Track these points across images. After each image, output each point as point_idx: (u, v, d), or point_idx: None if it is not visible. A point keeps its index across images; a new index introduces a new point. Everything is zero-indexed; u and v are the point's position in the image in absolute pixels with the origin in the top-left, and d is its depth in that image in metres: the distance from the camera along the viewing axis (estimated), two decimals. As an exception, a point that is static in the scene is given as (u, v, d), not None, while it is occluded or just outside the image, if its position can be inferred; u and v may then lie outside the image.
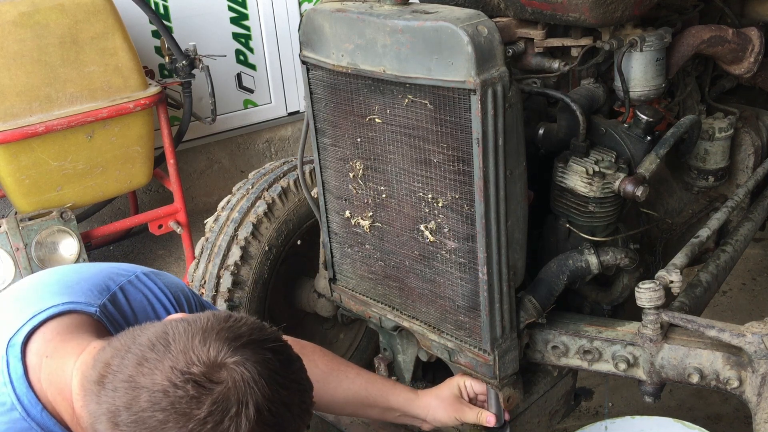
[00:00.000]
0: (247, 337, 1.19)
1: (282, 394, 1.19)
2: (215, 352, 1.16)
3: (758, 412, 1.53)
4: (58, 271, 1.46)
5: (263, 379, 1.16)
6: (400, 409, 1.80)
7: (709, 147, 2.16)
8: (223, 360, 1.15)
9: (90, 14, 2.87)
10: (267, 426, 1.16)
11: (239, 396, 1.14)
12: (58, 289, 1.37)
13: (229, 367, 1.15)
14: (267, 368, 1.18)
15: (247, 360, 1.16)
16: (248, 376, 1.15)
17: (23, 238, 2.82)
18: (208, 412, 1.12)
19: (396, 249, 1.82)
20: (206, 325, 1.19)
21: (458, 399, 1.81)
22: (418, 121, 1.61)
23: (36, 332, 1.28)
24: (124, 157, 3.04)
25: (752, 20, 2.27)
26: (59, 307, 1.32)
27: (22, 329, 1.28)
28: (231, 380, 1.14)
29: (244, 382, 1.14)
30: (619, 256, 1.80)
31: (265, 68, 4.11)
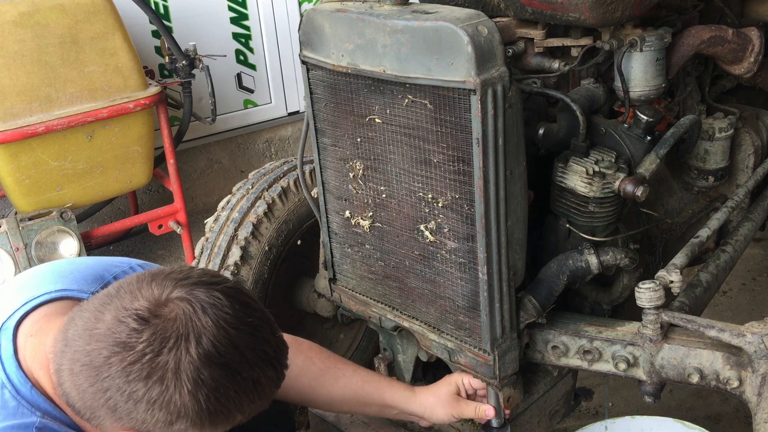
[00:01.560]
0: (197, 278, 1.19)
1: (230, 333, 1.16)
2: (160, 290, 1.16)
3: (758, 412, 1.53)
4: (54, 263, 1.49)
5: (208, 316, 1.15)
6: (397, 407, 1.79)
7: (709, 147, 2.16)
8: (168, 296, 1.16)
9: (90, 14, 2.87)
10: (213, 364, 1.14)
11: (179, 329, 1.13)
12: (52, 278, 1.40)
13: (173, 303, 1.15)
14: (214, 306, 1.16)
15: (194, 297, 1.16)
16: (190, 310, 1.14)
17: (23, 238, 2.82)
18: (147, 344, 1.12)
19: (396, 249, 1.82)
20: (157, 271, 1.21)
21: (456, 396, 1.79)
22: (418, 121, 1.61)
23: (28, 316, 1.32)
24: (124, 157, 3.04)
25: (752, 20, 2.27)
26: (52, 294, 1.35)
27: (15, 314, 1.32)
28: (173, 314, 1.14)
29: (185, 316, 1.14)
30: (619, 256, 1.80)
31: (265, 68, 4.11)
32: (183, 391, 1.13)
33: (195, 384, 1.13)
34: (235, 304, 1.19)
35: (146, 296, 1.16)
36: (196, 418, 1.16)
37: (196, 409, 1.15)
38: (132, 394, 1.13)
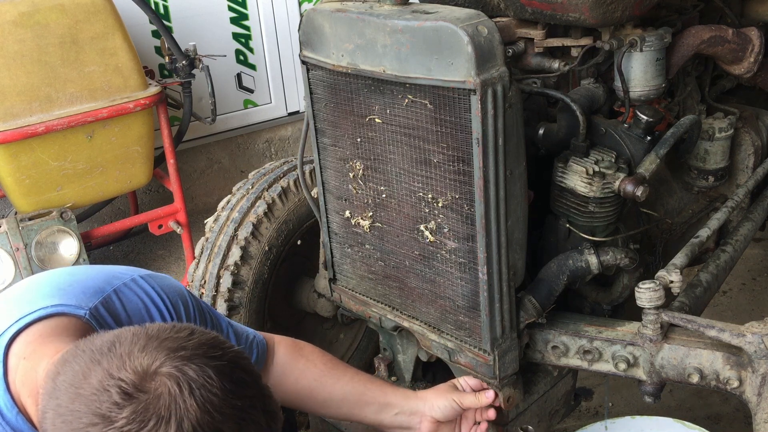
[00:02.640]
0: (191, 350, 1.14)
1: (215, 418, 1.10)
2: (150, 361, 1.11)
3: (758, 412, 1.53)
4: (54, 273, 1.45)
5: (194, 398, 1.09)
6: (397, 405, 1.73)
7: (709, 147, 2.16)
8: (156, 370, 1.10)
9: (90, 14, 2.87)
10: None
11: (161, 410, 1.08)
12: (49, 291, 1.36)
13: (160, 379, 1.10)
14: (203, 387, 1.11)
15: (183, 374, 1.10)
16: (176, 390, 1.09)
17: (23, 238, 2.82)
18: (126, 421, 1.07)
19: (396, 249, 1.82)
20: (154, 332, 1.15)
21: (455, 387, 1.76)
22: (418, 121, 1.61)
23: (21, 334, 1.27)
24: (124, 157, 3.03)
25: (752, 20, 2.27)
26: (47, 310, 1.30)
27: (8, 331, 1.27)
28: (156, 392, 1.09)
29: (170, 396, 1.08)
30: (619, 256, 1.80)
31: (265, 68, 4.11)
32: None
33: None
34: (226, 384, 1.13)
35: (134, 367, 1.11)
36: None
37: None
38: None
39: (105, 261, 3.78)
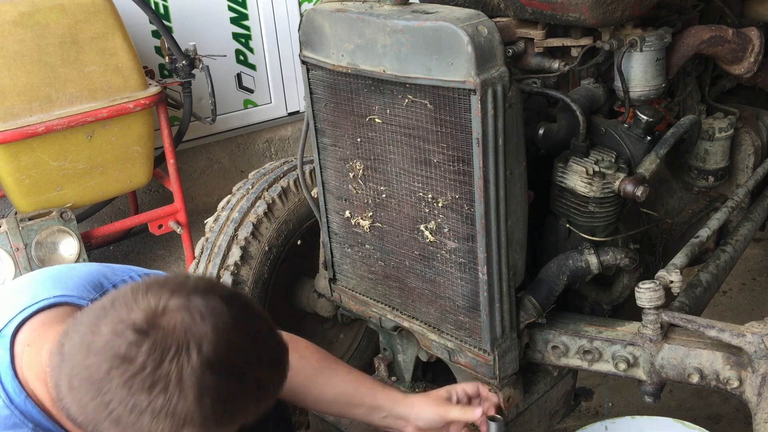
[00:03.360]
0: (193, 286, 1.18)
1: (230, 339, 1.16)
2: (156, 300, 1.15)
3: (758, 412, 1.53)
4: (54, 268, 1.48)
5: (206, 323, 1.14)
6: (386, 408, 1.73)
7: (709, 147, 2.16)
8: (164, 307, 1.15)
9: (90, 14, 2.87)
10: (215, 370, 1.14)
11: (179, 339, 1.12)
12: (51, 283, 1.39)
13: (170, 313, 1.14)
14: (212, 313, 1.16)
15: (191, 305, 1.15)
16: (189, 319, 1.14)
17: (23, 238, 2.82)
18: (147, 355, 1.11)
19: (396, 249, 1.82)
20: (152, 280, 1.19)
21: (445, 399, 1.75)
22: (418, 121, 1.61)
23: (25, 323, 1.30)
24: (124, 157, 3.03)
25: (752, 20, 2.27)
26: (50, 300, 1.34)
27: (13, 321, 1.30)
28: (172, 324, 1.13)
29: (184, 325, 1.13)
30: (619, 256, 1.80)
31: (265, 68, 4.11)
32: (188, 399, 1.12)
33: (199, 391, 1.13)
34: (233, 310, 1.19)
35: (142, 307, 1.15)
36: (201, 424, 1.15)
37: (202, 415, 1.14)
38: (135, 406, 1.12)
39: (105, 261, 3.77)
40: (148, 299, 1.16)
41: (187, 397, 1.12)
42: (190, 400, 1.12)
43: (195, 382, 1.12)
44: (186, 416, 1.13)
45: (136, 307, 1.15)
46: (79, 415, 1.17)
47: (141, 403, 1.12)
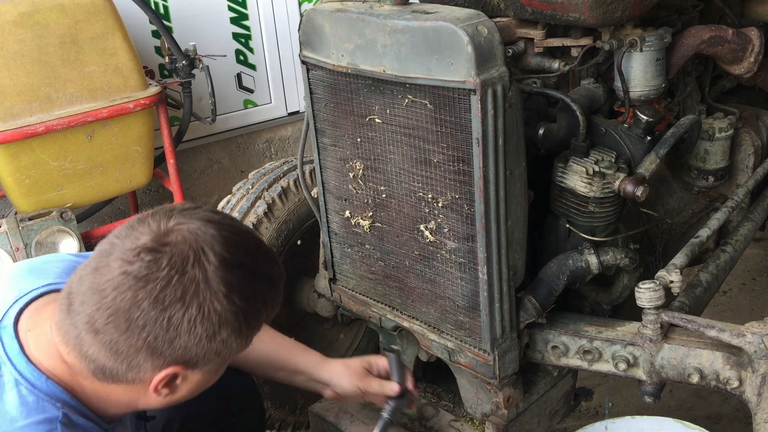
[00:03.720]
0: (180, 208, 1.24)
1: (236, 240, 1.23)
2: (156, 225, 1.20)
3: (758, 412, 1.53)
4: (27, 263, 1.49)
5: (211, 229, 1.21)
6: (306, 372, 1.79)
7: (709, 147, 2.16)
8: (166, 227, 1.20)
9: (90, 14, 2.87)
10: (233, 267, 1.19)
11: (193, 245, 1.18)
12: (34, 276, 1.40)
13: (175, 229, 1.19)
14: (210, 222, 1.22)
15: (189, 220, 1.21)
16: (195, 227, 1.20)
17: (23, 238, 2.81)
18: (169, 267, 1.15)
19: (396, 249, 1.82)
20: (137, 217, 1.24)
21: (365, 370, 1.77)
22: (418, 121, 1.61)
23: (22, 314, 1.31)
24: (124, 157, 3.03)
25: (752, 20, 2.27)
26: (39, 290, 1.35)
27: (10, 311, 1.31)
28: (180, 236, 1.18)
29: (192, 234, 1.19)
30: (619, 256, 1.80)
31: (265, 68, 4.11)
32: (219, 297, 1.17)
33: (227, 287, 1.18)
34: (224, 219, 1.26)
35: (145, 233, 1.19)
36: (234, 321, 1.20)
37: (234, 311, 1.19)
38: (170, 320, 1.16)
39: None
40: (148, 226, 1.20)
41: (218, 296, 1.17)
42: (222, 300, 1.18)
43: (221, 281, 1.18)
44: (221, 317, 1.19)
45: (139, 235, 1.19)
46: (109, 360, 1.19)
47: (175, 315, 1.16)
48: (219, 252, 1.19)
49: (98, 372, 1.22)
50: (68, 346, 1.23)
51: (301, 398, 2.45)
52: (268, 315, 1.29)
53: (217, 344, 1.21)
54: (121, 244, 1.19)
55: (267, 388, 2.32)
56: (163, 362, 1.20)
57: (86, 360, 1.21)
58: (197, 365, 1.24)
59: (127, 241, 1.18)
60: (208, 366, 1.26)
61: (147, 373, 1.21)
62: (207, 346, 1.20)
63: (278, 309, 1.31)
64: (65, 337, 1.22)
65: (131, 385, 1.25)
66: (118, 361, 1.19)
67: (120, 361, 1.19)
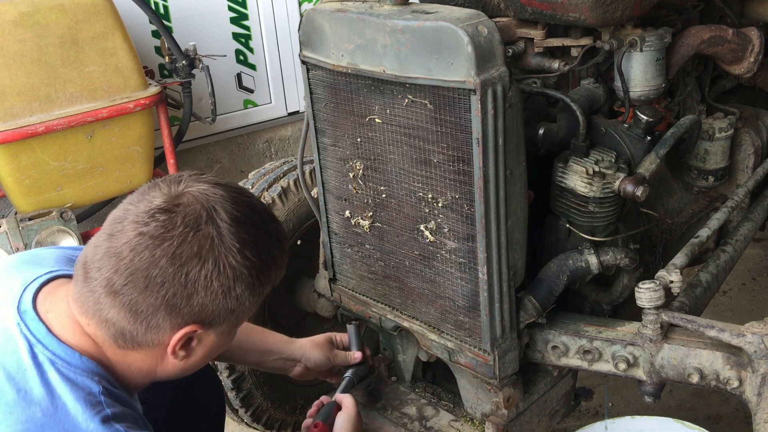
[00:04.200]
0: (187, 175, 1.30)
1: (243, 200, 1.28)
2: (168, 189, 1.25)
3: (758, 412, 1.53)
4: (17, 257, 1.49)
5: (220, 190, 1.26)
6: (276, 351, 1.86)
7: (709, 147, 2.16)
8: (177, 190, 1.25)
9: (90, 14, 2.87)
10: (244, 224, 1.25)
11: (205, 204, 1.23)
12: (33, 267, 1.41)
13: (186, 192, 1.25)
14: (218, 184, 1.28)
15: (199, 183, 1.27)
16: (205, 189, 1.25)
17: (23, 238, 2.81)
18: (184, 225, 1.20)
19: (396, 249, 1.82)
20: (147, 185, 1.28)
21: (330, 344, 1.93)
22: (418, 121, 1.61)
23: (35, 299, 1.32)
24: (124, 157, 3.03)
25: (752, 20, 2.27)
26: (43, 277, 1.37)
27: (24, 297, 1.31)
28: (192, 197, 1.24)
29: (203, 195, 1.24)
30: (619, 256, 1.80)
31: (265, 68, 4.11)
32: (233, 252, 1.22)
33: (240, 243, 1.23)
34: (230, 183, 1.32)
35: (158, 196, 1.23)
36: (248, 276, 1.25)
37: (247, 265, 1.24)
38: (188, 276, 1.20)
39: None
40: (159, 190, 1.25)
41: (232, 252, 1.22)
42: (236, 255, 1.22)
43: (234, 237, 1.22)
44: (235, 272, 1.23)
45: (152, 199, 1.23)
46: (128, 322, 1.23)
47: (192, 271, 1.20)
48: (229, 210, 1.24)
49: (119, 336, 1.25)
50: (87, 315, 1.25)
51: (301, 398, 2.45)
52: (276, 275, 1.34)
53: (231, 300, 1.25)
54: (135, 209, 1.23)
55: (267, 388, 2.32)
56: (181, 320, 1.24)
57: (106, 325, 1.24)
58: (213, 324, 1.28)
59: (141, 205, 1.23)
60: (223, 326, 1.30)
61: (165, 333, 1.25)
62: (222, 303, 1.25)
63: (284, 272, 1.37)
64: (83, 306, 1.25)
65: (150, 350, 1.28)
66: (137, 321, 1.23)
67: (140, 322, 1.23)
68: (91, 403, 1.21)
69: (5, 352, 1.25)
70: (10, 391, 1.20)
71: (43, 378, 1.22)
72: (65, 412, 1.19)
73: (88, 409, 1.20)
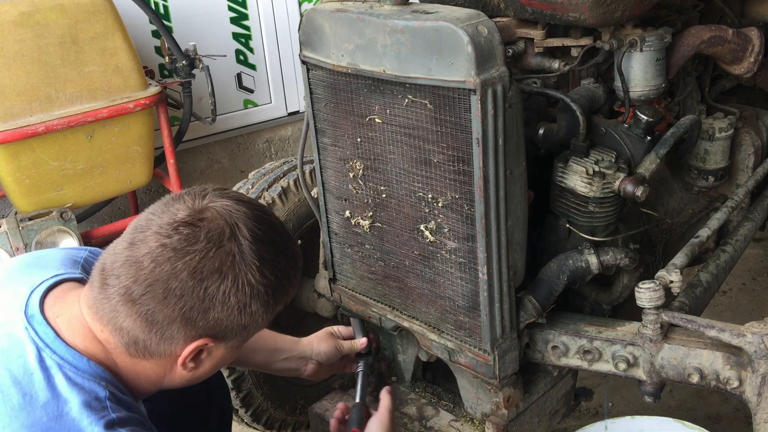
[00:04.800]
0: (212, 189, 1.32)
1: (264, 218, 1.30)
2: (192, 202, 1.26)
3: (758, 412, 1.53)
4: (21, 258, 1.50)
5: (243, 207, 1.28)
6: (286, 349, 1.87)
7: (709, 147, 2.16)
8: (201, 204, 1.26)
9: (90, 14, 2.87)
10: (265, 243, 1.26)
11: (228, 221, 1.24)
12: (36, 270, 1.41)
13: (210, 206, 1.26)
14: (239, 201, 1.30)
15: (222, 198, 1.28)
16: (229, 205, 1.27)
17: (23, 238, 2.81)
18: (206, 240, 1.21)
19: (396, 249, 1.82)
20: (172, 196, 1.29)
21: (332, 335, 1.95)
22: (418, 121, 1.61)
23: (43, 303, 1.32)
24: (124, 157, 3.03)
25: (752, 20, 2.27)
26: (50, 280, 1.36)
27: (31, 302, 1.31)
28: (216, 212, 1.25)
29: (227, 211, 1.26)
30: (619, 256, 1.80)
31: (265, 68, 4.11)
32: (252, 270, 1.24)
33: (260, 261, 1.24)
34: (252, 200, 1.34)
35: (182, 209, 1.24)
36: (264, 295, 1.26)
37: (265, 284, 1.25)
38: (207, 290, 1.21)
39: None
40: (184, 203, 1.26)
41: (252, 270, 1.24)
42: (255, 273, 1.24)
43: (255, 255, 1.24)
44: (253, 290, 1.25)
45: (176, 211, 1.24)
46: (143, 332, 1.23)
47: (212, 287, 1.21)
48: (251, 228, 1.26)
49: (131, 345, 1.26)
50: (102, 321, 1.26)
51: (301, 398, 2.45)
52: (290, 293, 1.36)
53: (246, 317, 1.27)
54: (158, 220, 1.24)
55: (267, 388, 2.32)
56: (195, 333, 1.25)
57: (120, 333, 1.25)
58: (225, 338, 1.29)
59: (165, 216, 1.24)
60: (234, 340, 1.31)
61: (179, 345, 1.26)
62: (237, 319, 1.26)
63: (297, 290, 1.39)
64: (98, 312, 1.26)
65: (161, 360, 1.29)
66: (152, 331, 1.23)
67: (154, 332, 1.23)
68: (97, 408, 1.22)
69: (12, 356, 1.25)
70: (15, 395, 1.20)
71: (50, 382, 1.22)
72: (70, 416, 1.20)
73: (92, 414, 1.20)
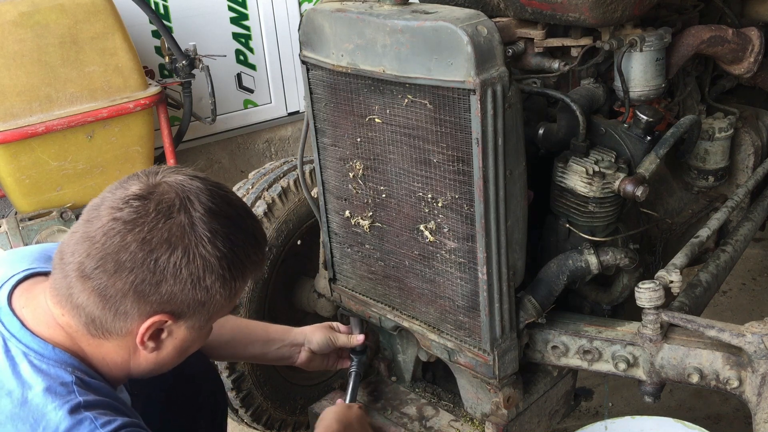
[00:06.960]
0: (167, 167, 1.31)
1: (220, 193, 1.28)
2: (146, 178, 1.26)
3: (758, 412, 1.53)
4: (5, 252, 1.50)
5: (198, 182, 1.27)
6: (279, 339, 1.88)
7: (709, 147, 2.16)
8: (155, 181, 1.26)
9: (90, 14, 2.87)
10: (218, 216, 1.25)
11: (179, 194, 1.23)
12: (9, 265, 1.41)
13: (163, 183, 1.25)
14: (195, 177, 1.28)
15: (175, 174, 1.28)
16: (182, 179, 1.26)
17: (23, 238, 2.81)
18: (156, 212, 1.21)
19: (396, 249, 1.82)
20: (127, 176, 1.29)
21: (332, 327, 1.97)
22: (417, 121, 1.61)
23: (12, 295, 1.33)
24: (124, 157, 3.04)
25: (752, 20, 2.27)
26: (21, 274, 1.37)
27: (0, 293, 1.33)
28: (168, 186, 1.25)
29: (179, 185, 1.25)
30: (619, 256, 1.80)
31: (265, 68, 4.11)
32: (203, 242, 1.22)
33: (212, 233, 1.22)
34: (210, 178, 1.31)
35: (136, 184, 1.24)
36: (218, 268, 1.24)
37: (218, 256, 1.23)
38: (157, 262, 1.20)
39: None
40: (137, 179, 1.26)
41: (203, 242, 1.22)
42: (206, 245, 1.22)
43: (206, 227, 1.22)
44: (205, 262, 1.23)
45: (129, 187, 1.24)
46: (98, 308, 1.23)
47: (161, 258, 1.20)
48: (204, 202, 1.24)
49: (89, 324, 1.25)
50: (61, 303, 1.26)
51: (301, 398, 2.45)
52: (251, 271, 1.32)
53: (201, 291, 1.24)
54: (112, 196, 1.24)
55: (267, 388, 2.32)
56: (150, 309, 1.23)
57: (78, 312, 1.25)
58: (183, 315, 1.27)
59: (117, 192, 1.24)
60: (194, 319, 1.29)
61: (134, 321, 1.24)
62: (192, 293, 1.24)
63: (262, 272, 1.37)
64: (58, 293, 1.26)
65: (121, 339, 1.28)
66: (106, 307, 1.23)
67: (108, 308, 1.23)
68: (62, 393, 1.22)
69: None
70: None
71: (15, 370, 1.23)
72: (34, 402, 1.20)
73: (57, 398, 1.20)
